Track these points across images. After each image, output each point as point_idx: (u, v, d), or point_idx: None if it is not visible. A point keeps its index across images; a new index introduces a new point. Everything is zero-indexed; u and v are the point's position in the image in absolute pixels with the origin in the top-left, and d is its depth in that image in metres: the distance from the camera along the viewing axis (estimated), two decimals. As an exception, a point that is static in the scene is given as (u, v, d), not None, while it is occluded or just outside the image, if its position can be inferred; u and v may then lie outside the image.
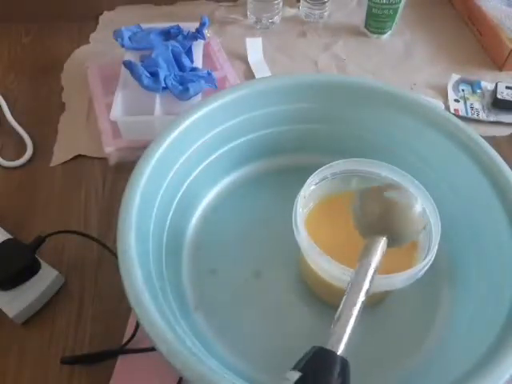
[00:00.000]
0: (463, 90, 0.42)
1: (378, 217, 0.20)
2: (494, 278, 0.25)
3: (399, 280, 0.23)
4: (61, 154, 0.37)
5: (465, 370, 0.21)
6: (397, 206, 0.20)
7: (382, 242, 0.19)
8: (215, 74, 0.38)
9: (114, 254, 0.22)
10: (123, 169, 0.34)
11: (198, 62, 0.40)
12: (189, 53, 0.39)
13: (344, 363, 0.15)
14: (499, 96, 0.40)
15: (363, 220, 0.21)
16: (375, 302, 0.28)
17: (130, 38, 0.40)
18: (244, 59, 0.44)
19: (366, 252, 0.19)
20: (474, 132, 0.28)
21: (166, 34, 0.41)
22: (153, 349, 0.20)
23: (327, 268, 0.23)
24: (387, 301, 0.28)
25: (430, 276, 0.24)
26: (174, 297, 0.25)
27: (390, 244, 0.20)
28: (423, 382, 0.25)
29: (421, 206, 0.21)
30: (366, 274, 0.18)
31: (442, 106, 0.40)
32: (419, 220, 0.21)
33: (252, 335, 0.26)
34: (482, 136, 0.28)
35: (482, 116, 0.40)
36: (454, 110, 0.41)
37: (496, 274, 0.25)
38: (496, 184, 0.26)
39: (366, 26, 0.47)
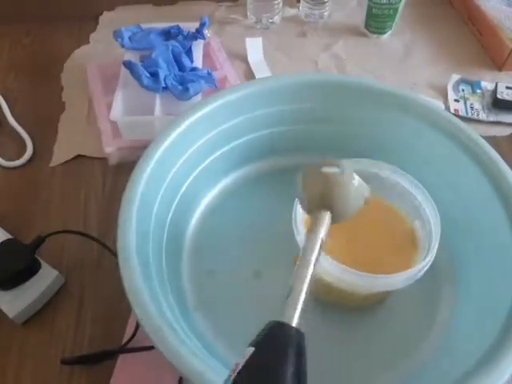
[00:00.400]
0: (463, 90, 0.42)
1: (319, 194, 0.21)
2: (495, 278, 0.25)
3: (399, 280, 0.23)
4: (61, 153, 0.37)
5: (465, 370, 0.21)
6: (336, 182, 0.21)
7: (327, 216, 0.20)
8: (215, 74, 0.38)
9: (114, 254, 0.23)
10: (123, 169, 0.34)
11: (198, 61, 0.40)
12: (189, 53, 0.39)
13: (299, 335, 0.15)
14: (499, 96, 0.40)
15: (306, 198, 0.22)
16: (376, 302, 0.28)
17: (129, 38, 0.40)
18: (244, 59, 0.44)
19: (313, 226, 0.20)
20: (474, 132, 0.28)
21: (166, 34, 0.41)
22: (153, 347, 0.20)
23: (327, 268, 0.23)
24: (387, 301, 0.28)
25: (430, 276, 0.24)
26: (174, 297, 0.25)
27: (335, 219, 0.21)
28: (423, 382, 0.25)
29: (358, 180, 0.22)
30: (313, 248, 0.19)
31: (442, 106, 0.40)
32: (359, 193, 0.22)
33: (252, 335, 0.26)
34: (482, 136, 0.28)
35: (482, 116, 0.40)
36: (454, 110, 0.41)
37: (496, 274, 0.25)
38: (496, 184, 0.26)
39: (366, 25, 0.47)
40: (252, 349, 0.15)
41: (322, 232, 0.19)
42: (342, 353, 0.26)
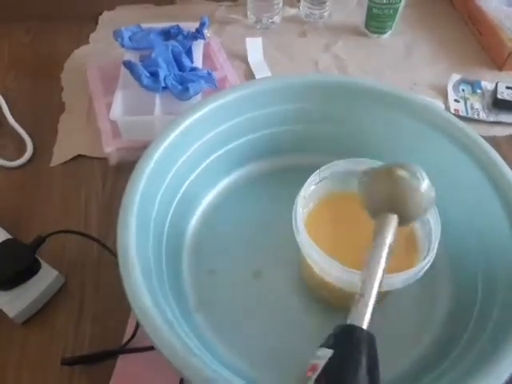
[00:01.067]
0: (463, 90, 0.42)
1: (387, 197, 0.20)
2: (495, 279, 0.25)
3: (399, 280, 0.23)
4: (61, 153, 0.37)
5: (464, 370, 0.21)
6: (404, 183, 0.20)
7: (394, 220, 0.19)
8: (215, 74, 0.38)
9: (114, 254, 0.23)
10: (123, 169, 0.34)
11: (198, 61, 0.40)
12: (189, 53, 0.39)
13: (371, 337, 0.16)
14: (499, 96, 0.40)
15: (372, 199, 0.21)
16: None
17: (129, 38, 0.40)
18: (244, 59, 0.44)
19: (379, 231, 0.19)
20: (473, 132, 0.28)
21: (166, 34, 0.41)
22: (153, 347, 0.20)
23: (327, 268, 0.23)
24: (386, 301, 0.28)
25: (430, 276, 0.24)
26: (174, 297, 0.25)
27: (400, 222, 0.20)
28: (422, 382, 0.25)
29: (428, 182, 0.21)
30: (381, 255, 0.18)
31: (442, 106, 0.40)
32: (428, 196, 0.21)
33: (252, 335, 0.26)
34: (482, 136, 0.28)
35: (482, 116, 0.40)
36: (454, 110, 0.41)
37: (496, 274, 0.25)
38: (496, 184, 0.26)
39: (367, 25, 0.47)
40: (331, 351, 0.15)
41: (390, 237, 0.19)
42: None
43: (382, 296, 0.27)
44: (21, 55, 0.45)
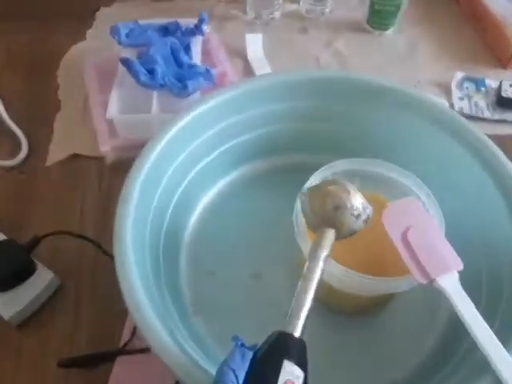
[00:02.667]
0: (467, 88, 0.42)
1: (321, 212, 0.21)
2: (499, 281, 0.25)
3: (404, 283, 0.22)
4: (56, 152, 0.36)
5: (467, 374, 0.21)
6: (333, 196, 0.21)
7: (331, 233, 0.21)
8: (214, 71, 0.37)
9: (111, 255, 0.22)
10: (120, 168, 0.33)
11: (197, 58, 0.39)
12: (187, 49, 0.39)
13: (302, 344, 0.17)
14: (504, 94, 0.40)
15: (311, 216, 0.22)
16: (378, 305, 0.27)
17: (127, 35, 0.39)
18: (244, 56, 0.44)
19: (316, 243, 0.21)
20: (478, 130, 0.27)
21: (164, 30, 0.40)
22: (150, 350, 0.19)
23: (327, 269, 0.22)
24: (390, 304, 0.27)
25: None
26: (172, 300, 0.25)
27: (338, 236, 0.21)
28: (425, 385, 0.24)
29: (360, 198, 0.22)
30: (315, 266, 0.20)
31: (446, 104, 0.40)
32: (360, 212, 0.22)
33: (252, 338, 0.26)
34: (486, 134, 0.27)
35: (487, 114, 0.40)
36: (459, 107, 0.40)
37: (500, 276, 0.25)
38: (500, 183, 0.26)
39: (369, 22, 0.47)
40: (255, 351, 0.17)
41: (325, 249, 0.20)
42: (342, 356, 0.26)
43: (385, 299, 0.27)
44: (17, 52, 0.45)
